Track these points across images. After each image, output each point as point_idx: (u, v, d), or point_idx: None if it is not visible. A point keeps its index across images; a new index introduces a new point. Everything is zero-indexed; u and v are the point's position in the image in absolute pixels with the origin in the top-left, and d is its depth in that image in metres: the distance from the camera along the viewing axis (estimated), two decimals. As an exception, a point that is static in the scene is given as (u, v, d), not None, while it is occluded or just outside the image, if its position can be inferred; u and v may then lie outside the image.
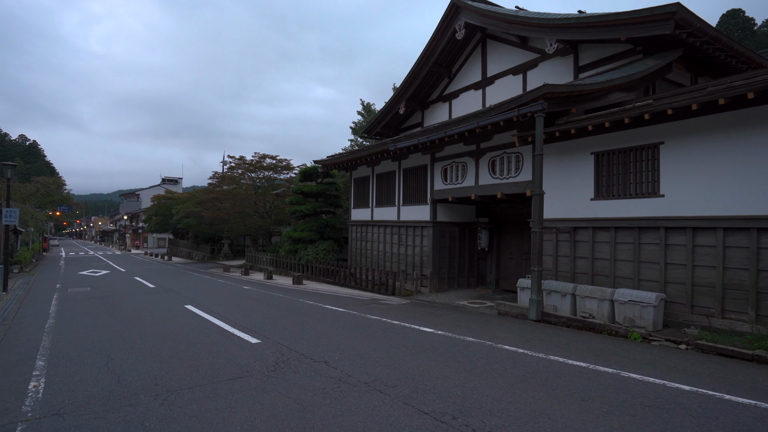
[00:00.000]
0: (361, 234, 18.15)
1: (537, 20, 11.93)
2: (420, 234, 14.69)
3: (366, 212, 17.92)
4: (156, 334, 7.37)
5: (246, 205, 24.73)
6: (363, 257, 17.92)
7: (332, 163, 18.67)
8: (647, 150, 8.43)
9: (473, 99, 15.24)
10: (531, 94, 9.33)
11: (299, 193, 20.82)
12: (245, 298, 12.01)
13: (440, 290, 14.22)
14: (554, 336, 7.33)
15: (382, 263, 16.60)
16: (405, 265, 15.38)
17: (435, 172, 14.11)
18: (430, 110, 17.49)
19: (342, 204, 21.66)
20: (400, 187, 15.85)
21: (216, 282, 17.28)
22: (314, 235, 19.81)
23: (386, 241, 16.53)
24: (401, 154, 15.15)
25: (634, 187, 8.64)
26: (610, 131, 8.91)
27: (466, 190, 12.69)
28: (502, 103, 10.25)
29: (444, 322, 8.55)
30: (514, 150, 11.31)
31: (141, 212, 59.38)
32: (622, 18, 10.00)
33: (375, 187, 17.46)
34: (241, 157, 24.78)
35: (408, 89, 16.89)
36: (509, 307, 9.78)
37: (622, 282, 8.76)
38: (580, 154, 9.56)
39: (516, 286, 13.38)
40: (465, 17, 14.13)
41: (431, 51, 15.60)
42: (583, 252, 9.51)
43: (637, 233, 8.50)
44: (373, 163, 17.29)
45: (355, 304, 11.08)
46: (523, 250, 13.61)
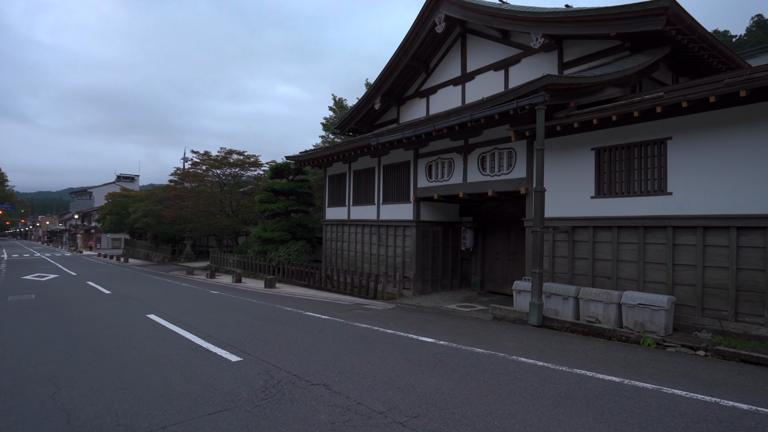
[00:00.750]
0: (337, 234, 17.25)
1: (523, 13, 11.46)
2: (402, 234, 13.98)
3: (342, 211, 17.05)
4: (115, 352, 6.27)
5: (211, 204, 23.26)
6: (338, 258, 17.03)
7: (305, 159, 17.68)
8: (653, 146, 8.04)
9: (452, 95, 14.68)
10: (531, 85, 8.79)
11: (269, 190, 19.67)
12: (216, 305, 10.90)
13: (424, 293, 13.56)
14: (566, 344, 6.77)
15: (360, 265, 15.78)
16: (385, 266, 14.62)
17: (419, 169, 13.44)
18: (406, 106, 16.83)
19: (315, 203, 20.67)
20: (380, 185, 15.08)
21: (180, 286, 15.92)
22: (286, 235, 18.74)
23: (364, 241, 15.72)
24: (382, 149, 14.40)
25: (638, 185, 8.24)
26: (612, 126, 8.49)
27: (453, 187, 12.08)
28: (497, 95, 9.67)
29: (441, 330, 7.85)
30: (506, 145, 10.78)
31: (94, 211, 55.78)
32: (613, 12, 9.65)
33: (352, 185, 16.62)
34: (206, 153, 23.29)
35: (384, 84, 16.16)
36: (506, 312, 9.20)
37: (625, 284, 8.34)
38: (580, 150, 9.10)
39: (504, 289, 12.97)
40: (445, 10, 13.52)
41: (409, 44, 14.92)
42: (582, 252, 9.05)
43: (642, 233, 8.10)
44: (350, 160, 16.45)
45: (338, 310, 10.23)
46: (509, 250, 13.14)
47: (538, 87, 8.66)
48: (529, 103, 8.65)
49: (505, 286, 13.20)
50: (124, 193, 38.13)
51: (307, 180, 19.96)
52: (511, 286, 13.00)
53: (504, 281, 13.25)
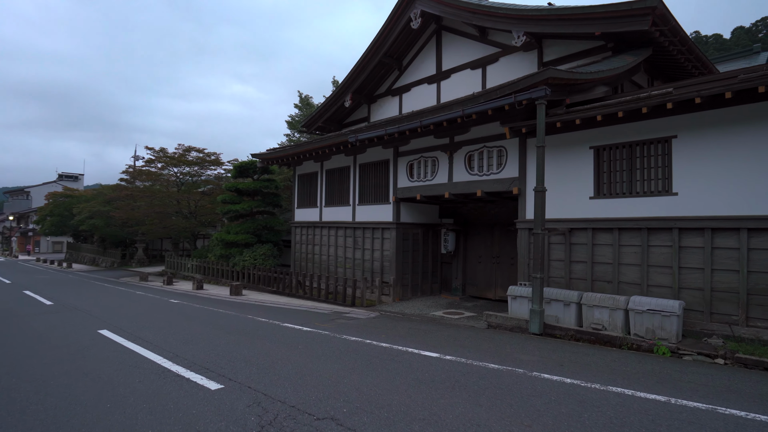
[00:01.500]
0: (307, 237, 16.27)
1: (505, 10, 11.04)
2: (380, 236, 13.23)
3: (313, 212, 16.09)
4: (62, 381, 5.13)
5: (167, 204, 21.54)
6: (309, 263, 16.05)
7: (273, 157, 16.58)
8: (657, 144, 7.73)
9: (427, 93, 14.12)
10: (529, 79, 8.31)
11: (233, 190, 18.37)
12: (179, 317, 9.71)
13: (404, 299, 12.86)
14: (581, 356, 6.25)
15: (334, 270, 14.88)
16: (362, 271, 13.81)
17: (399, 168, 12.75)
18: (377, 104, 16.14)
19: (282, 204, 19.53)
20: (356, 185, 14.27)
21: (135, 295, 14.39)
22: (251, 238, 17.52)
23: (338, 244, 14.85)
24: (359, 147, 13.61)
25: (641, 185, 7.91)
26: (613, 124, 8.14)
27: (438, 187, 11.46)
28: (491, 89, 9.14)
29: (440, 342, 7.16)
30: (496, 143, 10.28)
31: (32, 212, 51.34)
32: (599, 11, 9.38)
33: (325, 185, 15.70)
34: (162, 150, 21.53)
35: (355, 80, 15.38)
36: (502, 319, 8.65)
37: (627, 288, 7.99)
38: (577, 149, 8.71)
39: (487, 293, 12.04)
40: (422, 5, 12.92)
41: (383, 40, 14.23)
42: (580, 255, 8.65)
43: (645, 235, 7.76)
44: (322, 158, 15.54)
45: (319, 320, 9.33)
46: (493, 253, 12.68)
47: (538, 81, 8.19)
48: (528, 97, 8.16)
49: (488, 290, 12.73)
50: (68, 193, 35.06)
51: (273, 180, 18.82)
52: (495, 290, 12.57)
53: (487, 285, 12.78)
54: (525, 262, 9.48)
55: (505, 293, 12.51)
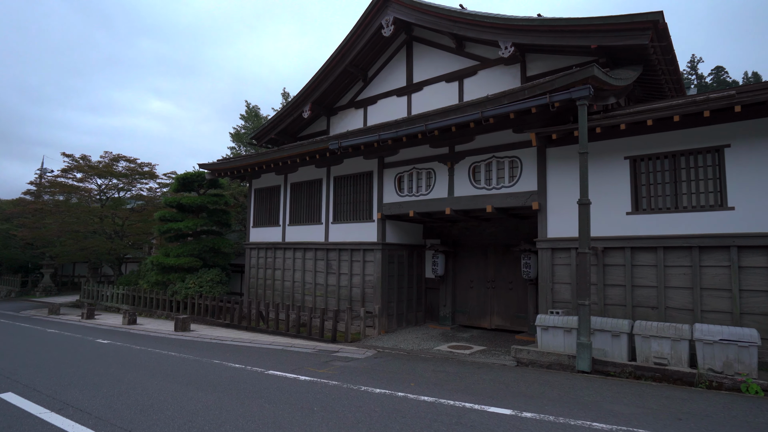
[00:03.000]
0: (266, 260, 14.11)
1: (491, 19, 10.16)
2: (361, 259, 11.54)
3: (274, 232, 14.03)
4: None
5: (87, 222, 18.10)
6: (268, 290, 13.87)
7: (225, 168, 14.38)
8: (706, 154, 7.01)
9: (396, 106, 12.93)
10: (566, 78, 7.34)
11: (175, 206, 15.73)
12: (118, 365, 7.28)
13: (389, 330, 11.20)
14: (678, 401, 5.05)
15: (300, 298, 12.87)
16: (336, 299, 11.98)
17: (385, 181, 11.28)
18: (338, 117, 14.70)
19: (230, 222, 17.12)
20: (330, 200, 12.55)
21: (46, 334, 11.27)
22: (195, 262, 14.94)
23: (306, 268, 12.91)
24: (336, 157, 12.02)
25: (688, 199, 7.13)
26: (651, 132, 7.37)
27: (435, 203, 10.12)
28: (515, 89, 8.07)
29: (490, 390, 5.67)
30: (508, 153, 9.19)
31: None
32: (597, 23, 8.78)
33: (289, 201, 13.78)
34: (84, 158, 18.12)
35: (316, 89, 13.83)
36: (535, 355, 7.34)
37: (676, 315, 7.06)
38: (609, 159, 7.83)
39: (481, 322, 10.81)
40: (395, 12, 11.81)
41: (350, 47, 12.88)
42: (616, 278, 7.65)
43: (696, 254, 6.92)
44: (286, 170, 13.67)
45: (309, 363, 7.43)
46: (487, 277, 11.49)
47: (577, 80, 7.24)
48: (567, 97, 7.18)
49: (482, 319, 11.46)
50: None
51: (223, 195, 16.45)
52: (490, 318, 11.33)
53: (481, 313, 11.51)
54: (548, 287, 8.34)
55: (503, 322, 11.35)
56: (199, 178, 15.74)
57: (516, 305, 10.94)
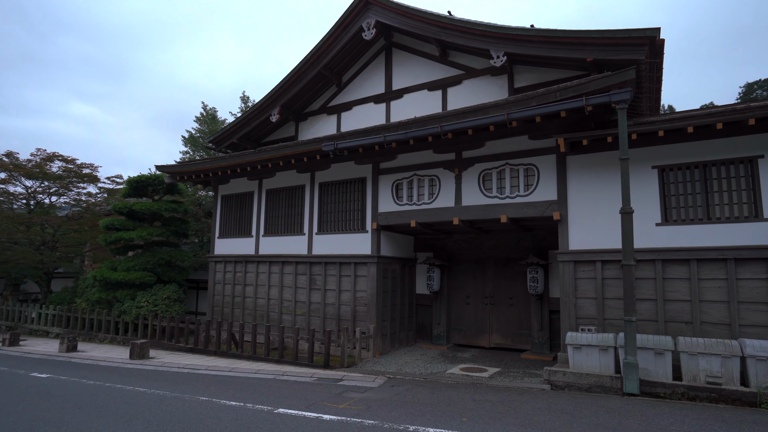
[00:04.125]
0: (234, 275, 12.63)
1: (483, 28, 9.73)
2: (352, 273, 10.52)
3: (245, 243, 12.61)
4: None
5: (9, 230, 15.41)
6: (237, 309, 12.37)
7: (188, 171, 12.81)
8: (738, 164, 6.88)
9: (373, 113, 12.24)
10: (605, 80, 6.98)
11: (125, 213, 13.76)
12: (72, 408, 5.72)
13: (384, 352, 10.22)
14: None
15: (277, 317, 11.54)
16: (321, 318, 10.82)
17: (381, 188, 10.41)
18: (308, 123, 13.76)
19: (188, 233, 15.33)
20: (314, 209, 11.44)
21: (-45, 368, 9.04)
22: (149, 277, 13.06)
23: (285, 284, 11.63)
24: (325, 160, 11.01)
25: (721, 210, 6.94)
26: (680, 141, 7.17)
27: (441, 212, 9.40)
28: (546, 90, 7.63)
29: (565, 423, 4.96)
30: (523, 161, 8.69)
31: None
32: (594, 36, 8.60)
33: (264, 208, 12.47)
34: (9, 154, 15.41)
35: (287, 92, 12.79)
36: (571, 377, 6.73)
37: (712, 330, 6.78)
38: (637, 169, 7.53)
39: (479, 341, 10.26)
40: (377, 15, 11.15)
41: (326, 49, 12.02)
42: (646, 292, 7.29)
43: (732, 266, 6.71)
44: (261, 174, 12.41)
45: (316, 395, 6.32)
46: (485, 292, 10.88)
47: (615, 83, 6.90)
48: (606, 101, 6.79)
49: (480, 337, 10.80)
50: None
51: (181, 202, 14.70)
52: (489, 336, 10.70)
53: (479, 331, 10.84)
54: (571, 302, 7.83)
55: (503, 340, 10.74)
56: (154, 182, 13.92)
57: (517, 322, 10.40)
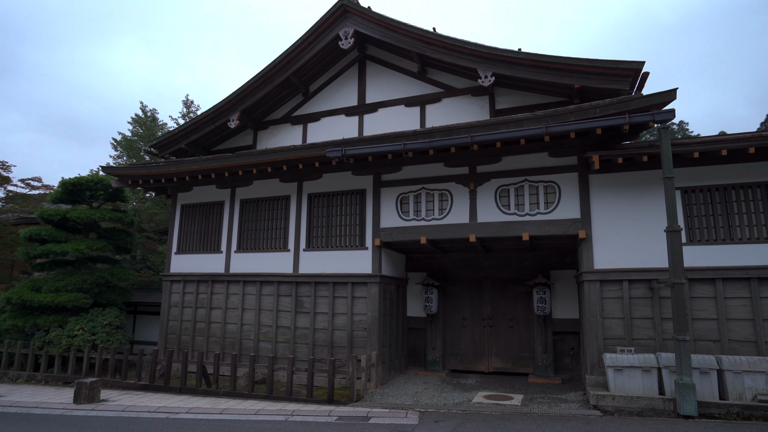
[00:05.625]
0: (195, 296, 10.95)
1: (472, 47, 9.69)
2: (349, 294, 9.56)
3: (212, 260, 11.03)
4: None
5: None
6: (199, 336, 10.69)
7: (142, 175, 11.04)
8: (756, 188, 7.32)
9: (345, 126, 11.79)
10: (647, 99, 7.08)
11: (55, 221, 11.39)
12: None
13: (384, 382, 9.31)
14: None
15: (253, 345, 10.12)
16: (310, 345, 9.66)
17: (384, 202, 9.69)
18: (268, 132, 12.91)
19: (131, 248, 13.15)
20: (302, 222, 10.35)
21: None
22: (84, 299, 10.82)
23: (263, 307, 10.27)
24: (313, 171, 10.11)
25: (742, 231, 7.30)
26: (701, 164, 7.51)
27: (454, 229, 8.90)
28: (586, 105, 7.57)
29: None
30: (543, 178, 8.55)
31: None
32: (582, 64, 8.95)
33: (238, 221, 11.06)
34: None
35: (248, 98, 11.85)
36: (621, 401, 6.49)
37: (739, 348, 6.98)
38: (657, 189, 7.69)
39: (478, 366, 9.60)
40: (356, 24, 10.80)
41: (297, 55, 11.35)
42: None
43: (756, 285, 7.03)
44: (236, 182, 11.07)
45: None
46: (483, 315, 10.50)
47: (655, 102, 7.04)
48: (648, 119, 6.88)
49: (479, 361, 10.33)
50: None
51: (125, 211, 12.61)
52: (488, 361, 10.29)
53: (477, 356, 10.36)
54: (598, 323, 7.69)
55: (503, 364, 10.32)
56: (95, 185, 11.74)
57: (518, 345, 10.12)
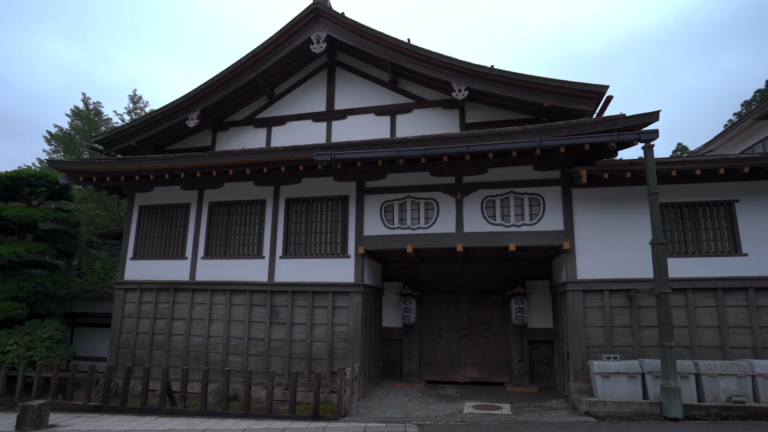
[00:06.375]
0: (154, 306, 10.06)
1: (447, 60, 9.88)
2: (329, 304, 9.20)
3: (175, 267, 10.21)
4: None
5: None
6: (158, 350, 9.83)
7: (96, 171, 10.08)
8: (720, 206, 8.03)
9: (312, 131, 11.58)
10: (633, 119, 7.54)
11: (-17, 220, 9.96)
12: None
13: (365, 395, 9.00)
14: None
15: (221, 359, 9.44)
16: (286, 358, 9.17)
17: (367, 209, 9.50)
18: (229, 133, 12.39)
19: (75, 252, 11.81)
20: (278, 228, 9.88)
21: None
22: (19, 310, 9.51)
23: (233, 317, 9.62)
24: (291, 174, 9.74)
25: (707, 245, 7.95)
26: (673, 182, 8.11)
27: (441, 238, 8.90)
28: (577, 121, 7.92)
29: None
30: (528, 190, 8.81)
31: None
32: (552, 84, 9.32)
33: (206, 225, 10.33)
34: None
35: (210, 96, 11.26)
36: (613, 406, 6.74)
37: (707, 353, 7.56)
38: (635, 204, 8.23)
39: (454, 376, 9.55)
40: (329, 29, 10.69)
41: (265, 56, 10.93)
42: (649, 320, 7.84)
43: (721, 295, 7.66)
44: (205, 184, 10.39)
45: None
46: (460, 325, 10.54)
47: (638, 123, 7.52)
48: (635, 138, 7.33)
49: (455, 372, 10.34)
50: None
51: (69, 211, 11.34)
52: (464, 371, 10.35)
53: (453, 366, 10.36)
54: (581, 331, 7.99)
55: (479, 374, 10.38)
56: (37, 181, 10.43)
57: (493, 354, 10.25)
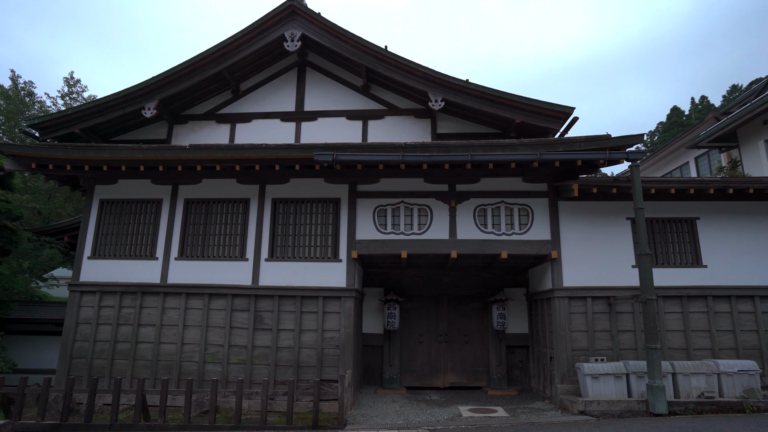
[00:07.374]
0: (117, 311, 9.12)
1: (425, 70, 10.19)
2: (319, 309, 8.93)
3: (142, 267, 9.34)
4: None
5: None
6: (120, 360, 8.92)
7: (52, 158, 9.04)
8: (684, 223, 8.98)
9: (280, 130, 11.46)
10: (622, 139, 8.20)
11: None
12: None
13: (354, 403, 8.81)
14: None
15: (196, 368, 8.78)
16: (271, 366, 8.75)
17: (359, 212, 9.37)
18: (187, 127, 11.87)
19: (13, 248, 10.31)
20: (263, 229, 9.42)
21: None
22: (-54, 317, 8.11)
23: (212, 323, 9.00)
24: (279, 173, 9.40)
25: (674, 257, 8.86)
26: (650, 199, 8.92)
27: (435, 244, 9.02)
28: (570, 138, 8.43)
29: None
30: (518, 201, 9.23)
31: None
32: (524, 102, 9.97)
33: (181, 223, 9.57)
34: None
35: (171, 86, 10.68)
36: (606, 405, 7.26)
37: (675, 354, 8.39)
38: (614, 218, 8.97)
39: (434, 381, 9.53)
40: (303, 28, 10.63)
41: (235, 49, 10.59)
42: (626, 324, 8.57)
43: (685, 302, 8.57)
44: (181, 178, 9.65)
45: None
46: (439, 331, 10.71)
47: (629, 143, 8.20)
48: (623, 156, 8.00)
49: (435, 377, 10.48)
50: None
51: (9, 202, 9.92)
52: (444, 376, 10.57)
53: (432, 372, 10.49)
54: (566, 335, 8.51)
55: (458, 378, 10.60)
56: (-27, 166, 9.00)
57: (472, 360, 10.54)
